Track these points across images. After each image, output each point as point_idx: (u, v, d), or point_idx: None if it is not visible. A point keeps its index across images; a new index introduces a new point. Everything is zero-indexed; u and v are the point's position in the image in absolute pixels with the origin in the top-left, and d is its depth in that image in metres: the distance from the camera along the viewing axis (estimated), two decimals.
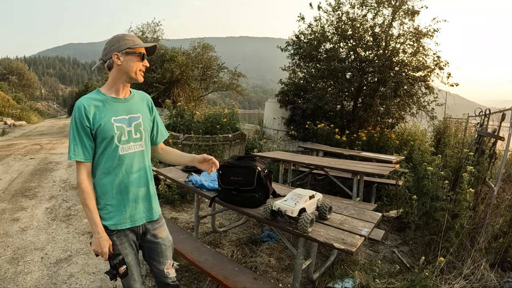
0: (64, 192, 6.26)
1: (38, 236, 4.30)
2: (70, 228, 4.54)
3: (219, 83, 18.34)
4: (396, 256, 3.79)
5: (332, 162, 5.03)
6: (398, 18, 8.70)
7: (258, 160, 2.73)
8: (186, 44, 18.21)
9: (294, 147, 8.22)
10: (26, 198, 5.86)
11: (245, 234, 4.26)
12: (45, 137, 16.31)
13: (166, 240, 2.01)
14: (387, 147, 7.74)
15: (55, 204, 5.53)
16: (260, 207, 2.62)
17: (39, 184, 6.78)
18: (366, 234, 2.19)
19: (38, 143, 13.49)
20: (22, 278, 3.29)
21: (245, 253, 3.71)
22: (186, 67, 15.99)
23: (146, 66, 1.88)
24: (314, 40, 9.53)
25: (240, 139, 8.19)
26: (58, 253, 3.84)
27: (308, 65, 10.12)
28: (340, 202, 3.02)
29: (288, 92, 10.50)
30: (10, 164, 8.82)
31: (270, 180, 2.77)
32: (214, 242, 4.02)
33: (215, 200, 2.94)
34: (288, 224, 2.30)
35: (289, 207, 2.21)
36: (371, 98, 8.48)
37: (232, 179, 2.70)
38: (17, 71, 50.77)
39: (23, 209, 5.27)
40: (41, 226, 4.60)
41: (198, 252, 2.94)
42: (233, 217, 4.94)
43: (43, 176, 7.52)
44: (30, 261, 3.63)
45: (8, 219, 4.85)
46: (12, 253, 3.82)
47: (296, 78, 10.80)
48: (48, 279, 3.28)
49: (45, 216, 5.01)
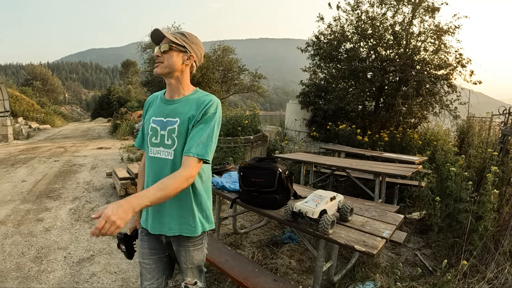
0: (87, 193, 6.40)
1: (62, 236, 4.41)
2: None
3: (240, 85, 18.46)
4: (418, 259, 3.73)
5: (354, 163, 4.99)
6: (418, 15, 8.59)
7: (279, 162, 2.73)
8: (206, 46, 18.34)
9: (315, 148, 8.18)
10: (50, 199, 6.03)
11: (266, 236, 4.27)
12: (69, 140, 16.70)
13: (189, 262, 1.82)
14: (409, 147, 7.64)
15: (79, 205, 5.67)
16: (281, 209, 2.60)
17: (63, 186, 6.96)
18: (387, 237, 2.16)
19: (62, 146, 13.83)
20: (45, 277, 3.38)
21: (266, 255, 3.71)
22: (206, 69, 16.14)
23: (157, 56, 1.76)
24: (334, 40, 9.47)
25: (261, 140, 8.18)
26: (81, 252, 3.94)
27: (328, 66, 10.05)
28: (362, 203, 3.00)
29: (309, 93, 10.43)
30: (34, 167, 9.09)
31: (291, 182, 2.76)
32: (235, 243, 4.04)
33: (236, 202, 2.95)
34: (309, 226, 2.28)
35: (310, 208, 2.20)
36: (393, 98, 8.37)
37: (253, 181, 2.69)
38: (41, 76, 52.60)
39: (47, 210, 5.42)
40: (64, 226, 4.73)
41: (219, 253, 2.97)
42: (254, 219, 4.95)
43: (67, 178, 7.72)
44: (53, 260, 3.73)
45: (33, 219, 5.00)
46: (36, 252, 3.94)
47: (317, 79, 10.72)
48: (70, 278, 3.37)
49: (69, 216, 5.14)
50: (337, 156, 6.69)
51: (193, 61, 1.78)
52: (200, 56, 1.82)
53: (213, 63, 16.93)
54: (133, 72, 55.23)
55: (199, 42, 1.80)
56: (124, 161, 9.70)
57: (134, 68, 55.75)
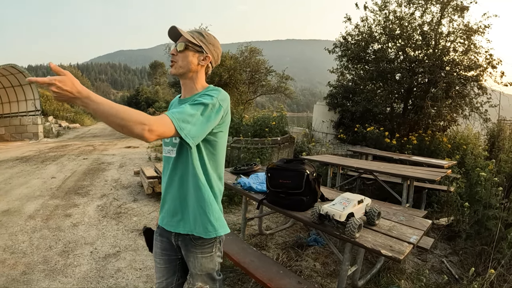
0: (115, 191, 6.54)
1: (89, 231, 4.53)
2: (119, 225, 4.74)
3: (267, 86, 18.47)
4: (445, 266, 3.66)
5: (382, 166, 4.94)
6: (447, 15, 8.39)
7: (307, 163, 2.73)
8: (232, 48, 18.45)
9: (343, 151, 8.12)
10: (79, 195, 6.20)
11: (291, 238, 4.27)
12: (98, 139, 17.11)
13: (197, 269, 1.73)
14: (438, 151, 7.47)
15: (106, 202, 5.80)
16: (307, 211, 2.60)
17: (91, 183, 7.15)
18: (414, 242, 2.14)
19: (91, 144, 14.20)
20: (71, 270, 3.48)
21: (291, 257, 3.73)
22: (234, 71, 16.22)
23: (172, 55, 1.69)
24: (362, 41, 9.36)
25: (288, 142, 8.17)
26: (107, 248, 4.03)
27: (356, 67, 9.94)
28: (389, 207, 2.98)
29: (336, 95, 10.35)
30: (64, 164, 9.39)
31: (318, 184, 2.76)
32: (260, 244, 4.07)
33: (263, 203, 2.96)
34: (336, 229, 2.28)
35: (337, 211, 2.20)
36: (422, 100, 8.22)
37: (281, 182, 2.70)
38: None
39: (75, 206, 5.58)
40: (92, 222, 4.85)
41: (244, 253, 2.99)
42: (280, 220, 4.96)
43: (95, 175, 7.92)
44: (79, 255, 3.83)
45: (61, 214, 5.16)
46: (63, 246, 4.05)
47: (344, 80, 10.61)
48: (96, 272, 3.45)
49: (96, 213, 5.27)
50: (365, 158, 6.63)
51: (209, 62, 1.73)
52: (216, 58, 1.78)
53: (240, 65, 16.99)
54: (161, 73, 56.05)
55: (216, 42, 1.75)
56: (151, 160, 9.85)
57: (162, 69, 56.55)
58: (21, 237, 4.33)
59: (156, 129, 1.32)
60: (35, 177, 7.77)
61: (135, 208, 5.49)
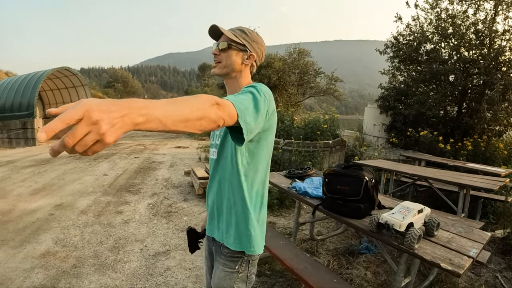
0: (165, 190, 6.67)
1: (139, 229, 4.64)
2: (170, 224, 4.83)
3: (316, 88, 18.38)
4: (499, 281, 3.49)
5: (437, 173, 4.77)
6: (501, 12, 8.02)
7: (365, 169, 2.68)
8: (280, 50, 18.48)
9: (394, 156, 7.90)
10: (130, 193, 6.39)
11: (343, 244, 4.22)
12: (148, 138, 17.63)
13: (215, 281, 1.58)
14: (494, 158, 7.13)
15: (157, 201, 5.92)
16: (364, 218, 2.57)
17: (142, 181, 7.35)
18: (474, 256, 2.06)
19: (141, 144, 14.68)
20: (120, 266, 3.59)
21: (341, 264, 3.68)
22: (283, 73, 16.25)
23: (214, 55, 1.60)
24: (414, 41, 9.14)
25: (340, 145, 8.07)
26: (157, 246, 4.10)
27: (408, 68, 9.72)
28: (445, 217, 2.88)
29: (388, 97, 10.18)
30: (115, 162, 9.77)
31: (376, 191, 2.70)
32: (311, 249, 4.03)
33: (318, 208, 2.92)
34: (393, 239, 2.23)
35: (397, 220, 2.15)
36: (477, 102, 7.92)
37: (338, 188, 2.66)
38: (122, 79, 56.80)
39: (127, 203, 5.76)
40: (142, 220, 4.98)
41: (297, 259, 2.96)
42: (331, 226, 4.91)
43: (146, 174, 8.13)
44: (129, 251, 3.93)
45: (113, 211, 5.35)
46: (113, 242, 4.19)
47: (396, 82, 10.40)
48: (145, 270, 3.51)
49: (147, 211, 5.39)
50: (417, 164, 6.43)
51: (253, 60, 1.61)
52: (261, 55, 1.66)
53: (289, 66, 16.98)
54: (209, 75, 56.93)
55: (260, 39, 1.63)
56: (201, 160, 10.00)
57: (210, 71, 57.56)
58: (73, 231, 4.53)
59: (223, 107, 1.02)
60: (87, 173, 8.15)
61: (186, 207, 5.60)
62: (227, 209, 1.54)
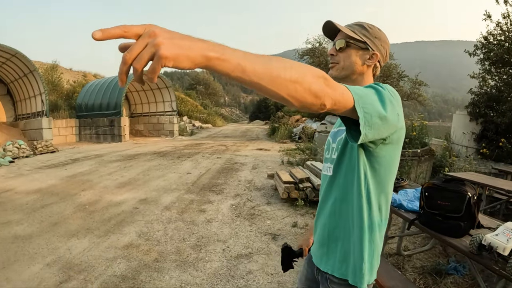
0: (248, 192, 6.62)
1: (222, 229, 4.61)
2: (253, 227, 4.72)
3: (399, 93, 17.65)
4: None
5: None
6: None
7: (468, 185, 2.45)
8: None
9: (485, 168, 7.20)
10: (213, 193, 6.46)
11: (429, 262, 3.86)
12: (229, 139, 18.10)
13: None
14: None
15: (240, 202, 5.88)
16: (463, 238, 2.33)
17: (225, 182, 7.40)
18: None
19: (223, 144, 15.08)
20: (202, 265, 3.55)
21: (428, 283, 3.37)
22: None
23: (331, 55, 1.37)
24: (505, 41, 8.24)
25: (428, 155, 7.54)
26: (239, 248, 4.01)
27: (500, 71, 8.81)
28: None
29: (478, 103, 9.24)
30: (198, 161, 10.07)
31: (478, 208, 2.45)
32: (397, 265, 3.76)
33: (414, 223, 2.71)
34: (494, 263, 1.97)
35: (501, 243, 1.91)
36: None
37: (439, 203, 2.46)
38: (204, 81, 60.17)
39: (210, 203, 5.80)
40: (225, 220, 4.95)
41: (388, 276, 2.76)
42: (418, 241, 4.53)
43: (229, 174, 8.20)
44: (211, 251, 3.90)
45: (196, 209, 5.41)
46: (196, 240, 4.20)
47: (487, 87, 9.47)
48: (226, 271, 3.44)
49: (230, 211, 5.37)
50: (510, 179, 5.83)
51: (376, 60, 1.34)
52: (385, 54, 1.38)
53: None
54: None
55: (383, 36, 1.35)
56: (284, 164, 9.79)
57: None
58: (157, 226, 4.66)
59: (332, 84, 0.82)
60: (171, 171, 8.49)
61: (269, 211, 5.46)
62: (345, 236, 1.30)
